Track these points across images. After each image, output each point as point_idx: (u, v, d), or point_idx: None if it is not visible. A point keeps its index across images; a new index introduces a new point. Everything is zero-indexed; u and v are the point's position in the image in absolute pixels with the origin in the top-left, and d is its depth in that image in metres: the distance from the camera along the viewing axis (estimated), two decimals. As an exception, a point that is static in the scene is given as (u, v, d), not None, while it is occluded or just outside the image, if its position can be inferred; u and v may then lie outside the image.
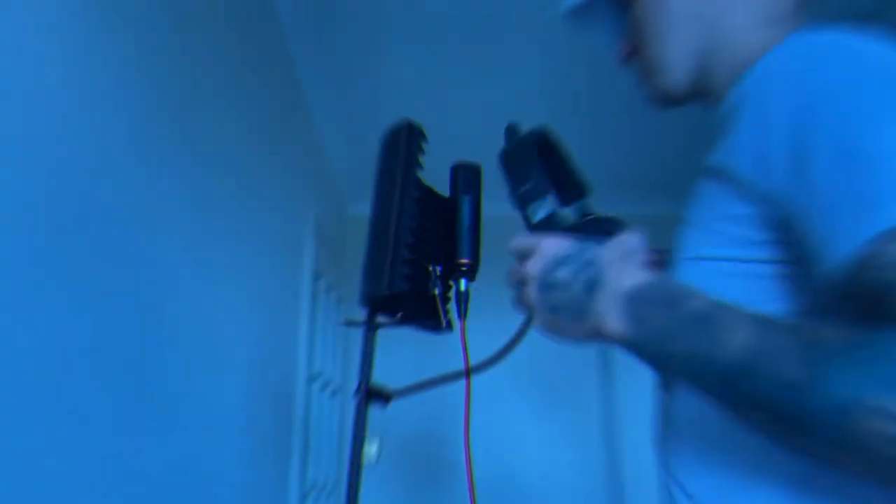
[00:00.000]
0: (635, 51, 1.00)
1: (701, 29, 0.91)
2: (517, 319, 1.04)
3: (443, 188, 1.11)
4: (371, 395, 1.09)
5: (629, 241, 0.82)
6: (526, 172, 0.97)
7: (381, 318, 1.10)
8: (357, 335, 2.46)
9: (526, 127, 1.02)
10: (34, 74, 1.01)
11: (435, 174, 1.14)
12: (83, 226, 1.14)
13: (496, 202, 1.79)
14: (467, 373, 1.07)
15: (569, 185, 0.98)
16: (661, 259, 0.98)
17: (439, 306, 1.06)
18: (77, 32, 1.12)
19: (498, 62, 2.75)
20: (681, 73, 0.94)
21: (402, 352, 2.32)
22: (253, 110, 2.15)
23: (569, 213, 0.96)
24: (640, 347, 0.73)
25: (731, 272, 0.78)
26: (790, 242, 0.73)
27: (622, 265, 0.79)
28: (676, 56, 0.94)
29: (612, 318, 0.75)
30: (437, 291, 1.06)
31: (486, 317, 1.64)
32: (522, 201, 0.95)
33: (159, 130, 1.44)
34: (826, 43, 0.73)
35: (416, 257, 1.04)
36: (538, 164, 0.97)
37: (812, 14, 0.94)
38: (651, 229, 0.88)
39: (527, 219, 0.95)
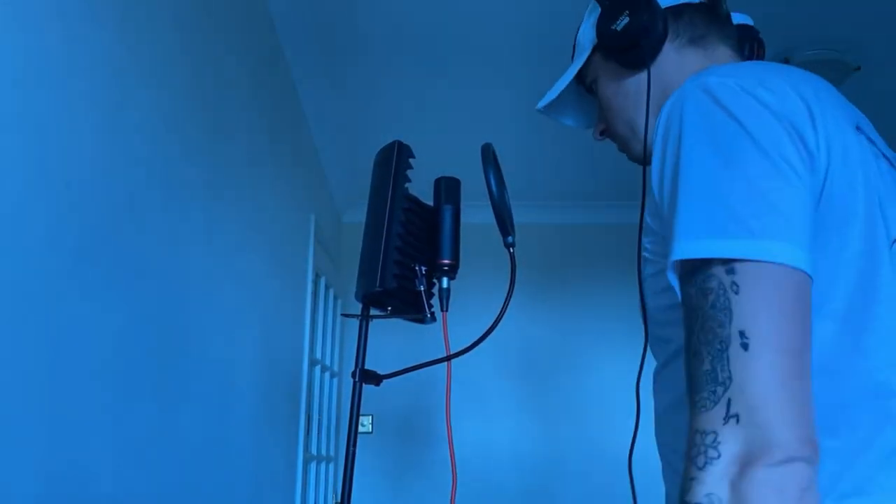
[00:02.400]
0: (607, 129, 1.01)
1: (654, 101, 0.91)
2: (491, 314, 1.03)
3: (428, 198, 1.11)
4: (365, 377, 1.08)
5: None
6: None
7: (373, 311, 1.08)
8: (352, 326, 2.43)
9: (499, 147, 1.02)
10: (84, 119, 0.99)
11: (420, 186, 1.13)
12: (120, 231, 1.13)
13: (473, 211, 1.79)
14: (448, 358, 1.06)
15: None
16: None
17: (424, 301, 1.06)
18: (113, 83, 1.11)
19: (476, 90, 2.74)
20: (648, 138, 0.93)
21: (392, 340, 2.31)
22: (263, 135, 2.13)
23: None
24: None
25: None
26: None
27: None
28: (641, 127, 0.94)
29: None
30: (421, 288, 1.05)
31: (465, 310, 1.63)
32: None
33: (187, 155, 1.43)
34: (685, 89, 0.72)
35: (403, 258, 1.03)
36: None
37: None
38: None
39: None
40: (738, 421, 0.57)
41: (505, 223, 1.06)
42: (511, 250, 1.07)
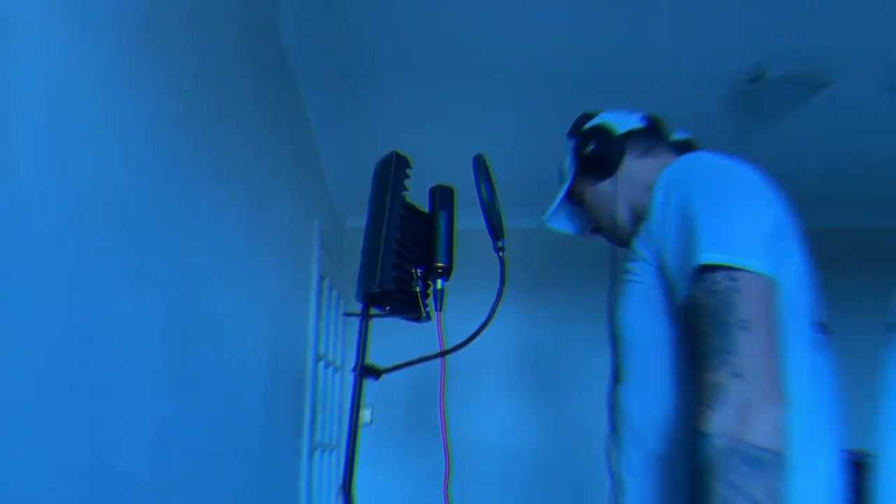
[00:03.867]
0: (596, 226, 1.24)
1: (625, 196, 1.16)
2: (482, 312, 1.05)
3: (424, 205, 1.13)
4: (366, 371, 1.08)
5: None
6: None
7: (374, 310, 1.09)
8: (354, 323, 2.47)
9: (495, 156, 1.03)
10: (104, 135, 1.02)
11: (420, 191, 1.16)
12: (135, 235, 1.14)
13: (466, 217, 1.81)
14: (442, 353, 1.08)
15: None
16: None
17: (420, 301, 1.07)
18: (124, 89, 1.13)
19: (472, 103, 2.75)
20: (629, 225, 1.17)
21: (391, 337, 2.33)
22: (269, 143, 2.14)
23: None
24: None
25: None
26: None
27: None
28: (619, 218, 1.17)
29: None
30: (418, 288, 1.06)
31: (458, 310, 1.65)
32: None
33: (199, 166, 1.43)
34: (682, 161, 0.99)
35: (401, 261, 1.04)
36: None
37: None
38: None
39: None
40: (741, 377, 0.79)
41: (496, 228, 1.08)
42: (501, 253, 1.08)
